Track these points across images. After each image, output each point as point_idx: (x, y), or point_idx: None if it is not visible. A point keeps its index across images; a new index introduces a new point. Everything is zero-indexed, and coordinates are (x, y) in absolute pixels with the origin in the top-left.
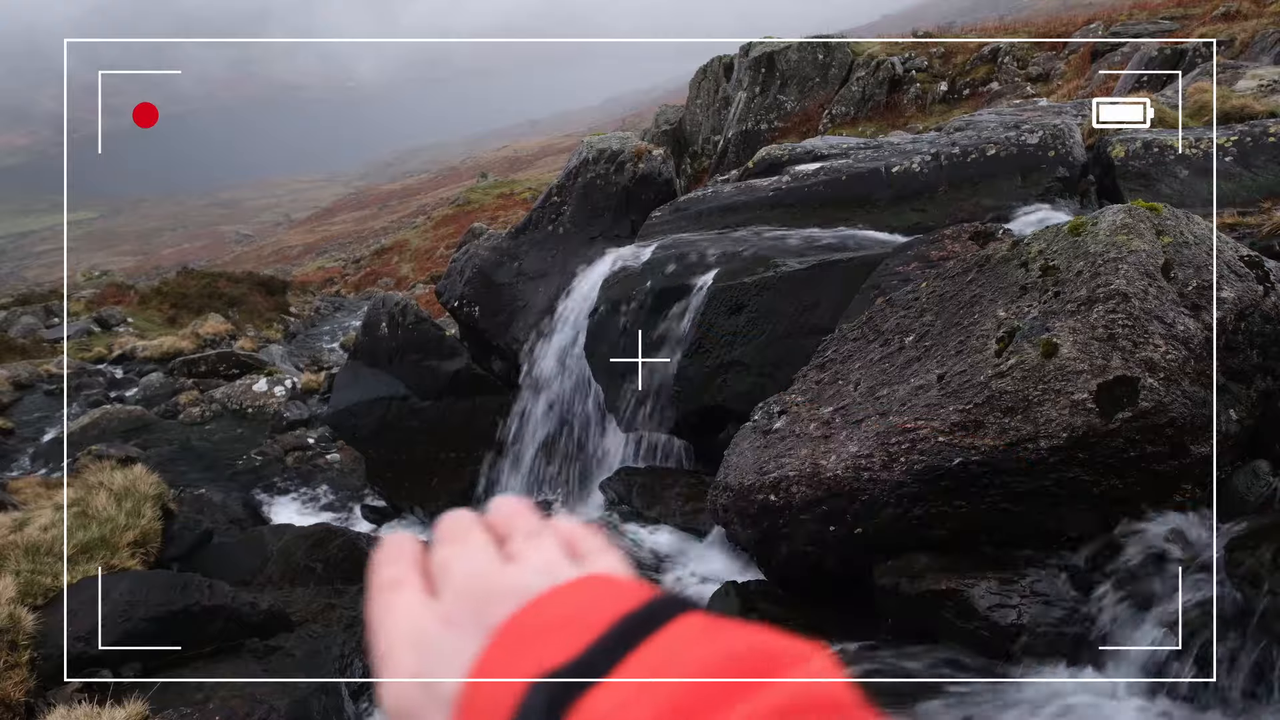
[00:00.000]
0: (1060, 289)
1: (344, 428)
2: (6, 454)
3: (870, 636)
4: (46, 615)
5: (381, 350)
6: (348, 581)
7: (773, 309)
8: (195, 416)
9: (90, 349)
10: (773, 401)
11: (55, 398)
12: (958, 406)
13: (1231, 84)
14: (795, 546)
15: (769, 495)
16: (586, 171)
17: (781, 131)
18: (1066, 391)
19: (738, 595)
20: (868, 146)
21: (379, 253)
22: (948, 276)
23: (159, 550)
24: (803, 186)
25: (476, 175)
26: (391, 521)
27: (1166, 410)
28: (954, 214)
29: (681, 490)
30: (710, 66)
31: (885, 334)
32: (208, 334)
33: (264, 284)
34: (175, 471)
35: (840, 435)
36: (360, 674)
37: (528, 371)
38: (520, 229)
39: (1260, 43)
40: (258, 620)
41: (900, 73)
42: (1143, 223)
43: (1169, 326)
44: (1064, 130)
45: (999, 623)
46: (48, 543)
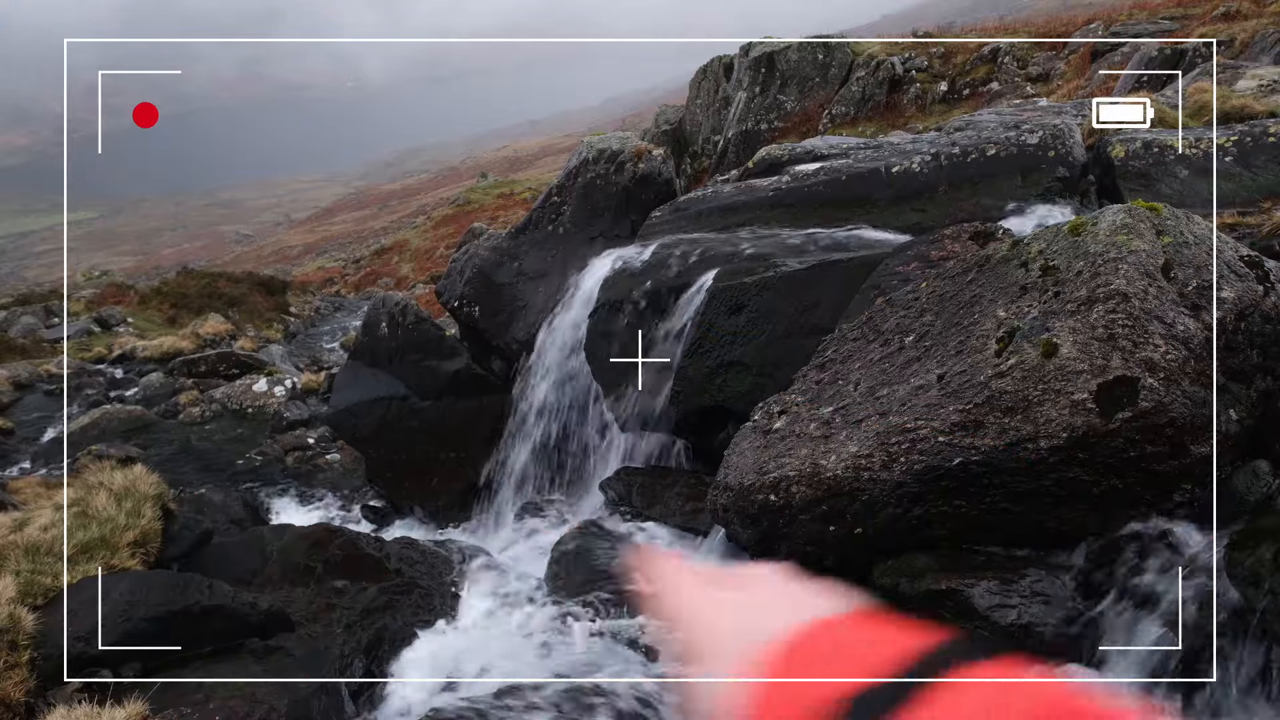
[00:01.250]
0: (1060, 289)
1: (344, 428)
2: (6, 454)
3: None
4: (46, 615)
5: (381, 350)
6: (348, 581)
7: (773, 309)
8: (195, 416)
9: (90, 349)
10: (773, 401)
11: (55, 398)
12: (958, 406)
13: (1231, 84)
14: (795, 546)
15: (769, 495)
16: (586, 171)
17: (781, 131)
18: (1066, 391)
19: None
20: (868, 146)
21: (379, 253)
22: (948, 276)
23: (159, 550)
24: (803, 186)
25: (476, 175)
26: (391, 521)
27: (1166, 410)
28: (954, 214)
29: (681, 490)
30: (710, 66)
31: (885, 334)
32: (208, 334)
33: (264, 284)
34: (175, 471)
35: (840, 435)
36: (360, 674)
37: (528, 371)
38: (520, 229)
39: (1260, 43)
40: (258, 620)
41: (900, 73)
42: (1143, 223)
43: (1169, 326)
44: (1064, 130)
45: (999, 622)
46: (48, 543)
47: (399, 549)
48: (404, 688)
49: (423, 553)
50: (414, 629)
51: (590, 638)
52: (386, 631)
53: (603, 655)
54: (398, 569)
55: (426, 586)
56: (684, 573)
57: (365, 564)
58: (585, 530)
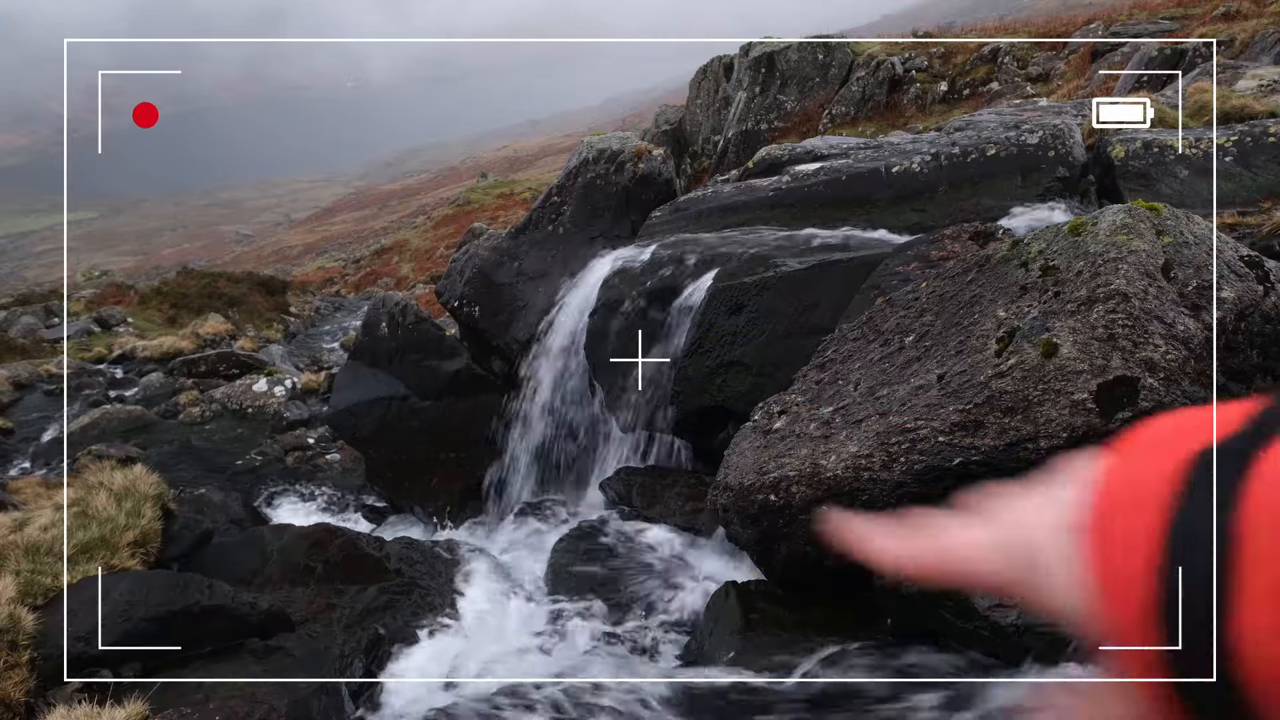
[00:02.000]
0: (1060, 289)
1: (344, 428)
2: (6, 454)
3: (871, 636)
4: (46, 615)
5: (381, 350)
6: (348, 581)
7: (773, 309)
8: (195, 416)
9: (90, 349)
10: (773, 401)
11: (55, 398)
12: (958, 406)
13: (1231, 84)
14: (795, 546)
15: (769, 495)
16: (586, 171)
17: (781, 131)
18: (1066, 391)
19: (738, 595)
20: (868, 146)
21: (379, 253)
22: (948, 276)
23: (159, 550)
24: (803, 186)
25: (476, 175)
26: (391, 521)
27: (1166, 410)
28: (954, 214)
29: (681, 490)
30: (710, 66)
31: (885, 334)
32: (208, 334)
33: (264, 284)
34: (175, 471)
35: (840, 435)
36: (360, 674)
37: (528, 371)
38: (520, 229)
39: (1260, 43)
40: (258, 620)
41: (900, 73)
42: (1143, 223)
43: (1169, 326)
44: (1064, 130)
45: (999, 622)
46: (48, 542)
47: (399, 549)
48: (404, 687)
49: (423, 553)
50: (414, 629)
51: (590, 638)
52: (387, 631)
53: (603, 655)
54: (398, 569)
55: (427, 586)
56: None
57: (365, 564)
58: (585, 530)
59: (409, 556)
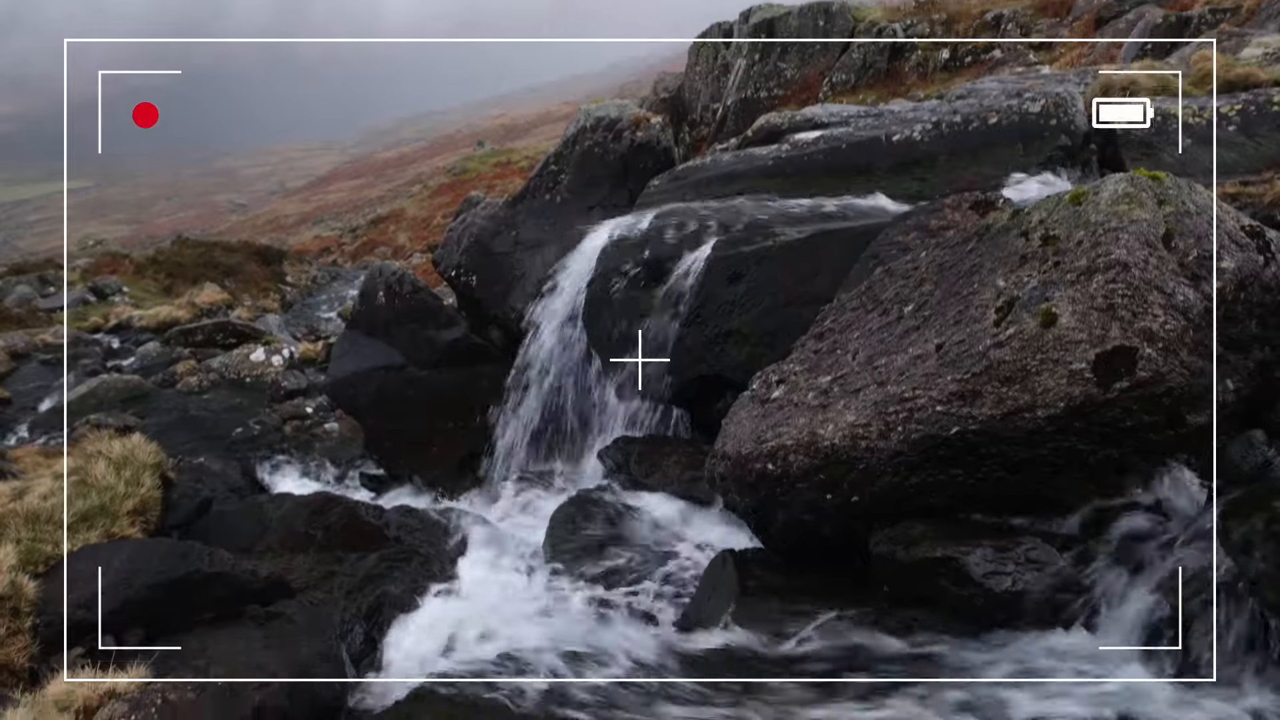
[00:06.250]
0: (1060, 258)
1: (342, 397)
2: (4, 423)
3: (866, 603)
4: (47, 583)
5: (379, 319)
6: (347, 549)
7: (771, 278)
8: (193, 386)
9: (86, 318)
10: (771, 371)
11: (51, 367)
12: (955, 376)
13: (1236, 52)
14: (792, 514)
15: (766, 464)
16: (584, 140)
17: (781, 99)
18: (1065, 361)
19: (735, 562)
20: (868, 114)
21: (375, 222)
22: (947, 246)
23: (159, 518)
24: (802, 155)
25: (473, 144)
26: (390, 490)
27: (1164, 380)
28: (954, 183)
29: (679, 459)
30: (710, 33)
31: (884, 303)
32: (204, 303)
33: (260, 253)
34: (174, 440)
35: (838, 404)
36: (361, 640)
37: (525, 341)
38: (517, 198)
39: (1266, 10)
40: (258, 587)
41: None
42: (1144, 192)
43: (1169, 296)
44: (1066, 98)
45: (994, 589)
46: (47, 511)
47: (398, 517)
48: (404, 653)
49: (422, 521)
50: (414, 596)
51: (588, 604)
52: (386, 598)
53: (600, 621)
54: (397, 537)
55: (426, 554)
56: None
57: (365, 532)
58: (584, 499)
59: (408, 524)
